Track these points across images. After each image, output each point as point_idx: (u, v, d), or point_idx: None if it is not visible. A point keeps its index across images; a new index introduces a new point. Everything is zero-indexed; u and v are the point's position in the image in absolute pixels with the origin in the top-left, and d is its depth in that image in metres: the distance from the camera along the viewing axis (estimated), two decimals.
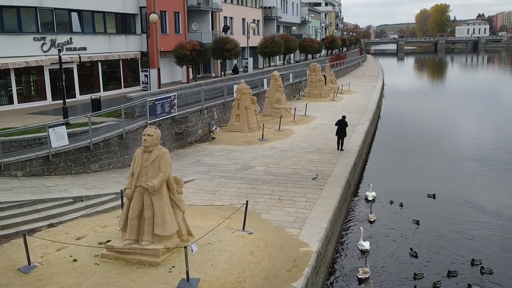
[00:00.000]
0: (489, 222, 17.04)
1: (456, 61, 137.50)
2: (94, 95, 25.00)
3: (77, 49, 29.67)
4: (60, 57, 20.71)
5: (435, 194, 19.53)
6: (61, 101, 21.39)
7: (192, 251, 9.89)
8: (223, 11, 46.81)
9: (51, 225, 12.99)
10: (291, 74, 41.45)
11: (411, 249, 14.49)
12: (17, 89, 26.41)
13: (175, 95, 22.56)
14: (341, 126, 21.78)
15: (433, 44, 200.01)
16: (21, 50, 25.94)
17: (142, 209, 10.56)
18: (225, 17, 48.51)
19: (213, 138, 24.53)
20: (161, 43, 35.65)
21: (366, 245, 14.47)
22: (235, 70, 42.10)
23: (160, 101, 21.35)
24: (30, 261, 10.46)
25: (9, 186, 14.63)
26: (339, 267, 13.70)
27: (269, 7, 62.02)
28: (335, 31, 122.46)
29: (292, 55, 63.25)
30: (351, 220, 17.31)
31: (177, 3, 38.84)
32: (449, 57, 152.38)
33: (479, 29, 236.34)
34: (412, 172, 24.02)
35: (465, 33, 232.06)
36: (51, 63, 26.97)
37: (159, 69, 33.14)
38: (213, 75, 44.07)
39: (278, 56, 54.61)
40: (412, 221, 16.79)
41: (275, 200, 15.07)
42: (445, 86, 71.99)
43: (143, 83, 32.84)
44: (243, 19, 52.76)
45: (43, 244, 11.48)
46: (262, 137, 24.35)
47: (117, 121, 20.55)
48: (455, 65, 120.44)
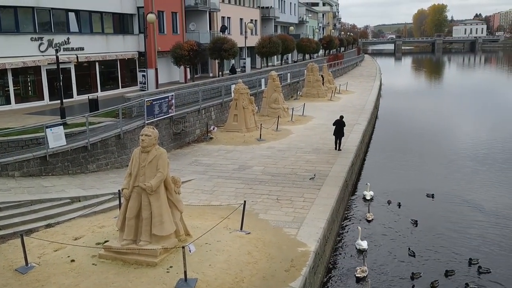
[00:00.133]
0: (487, 222, 17.08)
1: (454, 61, 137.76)
2: (92, 95, 24.96)
3: (75, 49, 29.63)
4: (57, 57, 20.67)
5: (433, 194, 19.56)
6: (59, 101, 21.38)
7: (190, 251, 9.90)
8: (220, 11, 46.79)
9: (48, 226, 12.97)
10: (288, 74, 41.48)
11: (409, 248, 14.52)
12: (14, 89, 26.36)
13: (172, 95, 22.55)
14: (339, 126, 21.81)
15: (430, 44, 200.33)
16: (18, 50, 25.89)
17: (140, 209, 10.55)
18: (223, 17, 48.49)
19: (211, 138, 24.53)
20: (158, 43, 35.62)
21: (364, 244, 14.51)
22: (232, 70, 42.07)
23: (158, 101, 21.34)
24: (28, 262, 10.44)
25: (6, 187, 14.60)
26: (337, 267, 13.72)
27: (267, 7, 62.04)
28: (333, 31, 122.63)
29: (289, 55, 63.28)
30: (349, 219, 17.34)
31: (174, 3, 38.80)
32: (447, 57, 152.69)
33: (476, 29, 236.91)
34: (410, 171, 24.07)
35: (463, 33, 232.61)
36: (49, 63, 26.93)
37: (156, 69, 33.12)
38: (211, 75, 44.06)
39: (275, 56, 54.63)
40: (410, 221, 16.81)
41: (273, 200, 15.07)
42: (442, 86, 72.11)
43: (140, 83, 32.82)
44: (241, 19, 52.76)
45: (41, 245, 11.47)
46: (260, 137, 24.36)
47: (115, 121, 20.54)
48: (453, 65, 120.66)
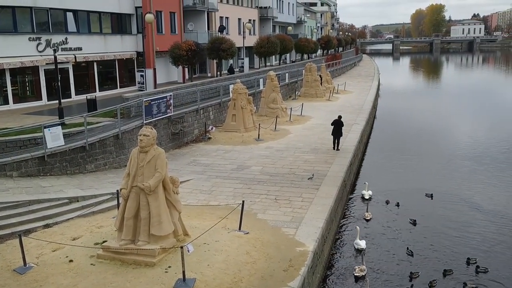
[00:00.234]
0: (485, 221, 17.12)
1: (452, 61, 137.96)
2: (90, 95, 24.94)
3: (73, 49, 29.59)
4: (55, 57, 20.66)
5: (432, 194, 19.59)
6: (57, 101, 21.34)
7: (189, 251, 9.89)
8: (219, 11, 46.76)
9: (46, 226, 12.95)
10: (287, 74, 41.47)
11: (407, 248, 14.54)
12: (12, 89, 26.30)
13: (171, 95, 22.54)
14: (337, 126, 21.82)
15: (428, 44, 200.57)
16: (16, 50, 25.83)
17: (138, 209, 10.55)
18: (221, 17, 48.48)
19: (209, 138, 24.52)
20: (157, 43, 35.52)
21: (362, 244, 14.54)
22: (230, 70, 42.07)
23: (156, 101, 21.32)
24: (26, 262, 10.43)
25: (4, 187, 14.57)
26: (335, 266, 13.74)
27: (265, 7, 62.04)
28: (331, 31, 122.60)
29: (288, 55, 63.33)
30: (348, 219, 17.36)
31: (172, 3, 38.78)
32: (445, 57, 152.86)
33: (474, 29, 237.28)
34: (408, 171, 24.11)
35: (460, 33, 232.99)
36: (47, 63, 26.89)
37: (155, 69, 33.05)
38: (209, 75, 44.04)
39: (274, 56, 54.64)
40: (409, 221, 16.83)
41: (271, 200, 15.07)
42: (440, 86, 72.21)
43: (139, 83, 32.77)
44: (239, 19, 52.76)
45: (39, 245, 11.46)
46: (258, 137, 24.36)
47: (113, 121, 20.52)
48: (451, 65, 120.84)
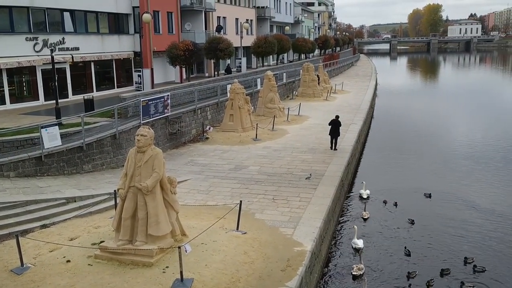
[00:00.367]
0: (482, 220, 17.14)
1: (449, 60, 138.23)
2: (87, 95, 24.89)
3: (70, 49, 29.54)
4: (52, 57, 20.59)
5: (431, 194, 19.62)
6: (54, 101, 21.30)
7: (186, 251, 9.89)
8: (216, 11, 46.78)
9: (44, 226, 12.92)
10: (284, 74, 41.49)
11: (405, 247, 14.56)
12: (9, 89, 26.26)
13: (168, 95, 22.52)
14: (335, 126, 21.84)
15: (425, 44, 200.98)
16: (13, 50, 25.79)
17: (135, 209, 10.54)
18: (218, 17, 48.49)
19: (207, 138, 24.51)
20: (154, 43, 35.58)
21: (360, 243, 14.55)
22: (228, 70, 42.07)
23: (154, 101, 21.30)
24: (23, 262, 10.41)
25: (1, 187, 14.53)
26: (333, 266, 13.74)
27: (262, 7, 62.06)
28: (328, 31, 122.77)
29: (285, 55, 63.33)
30: (345, 218, 17.37)
31: (170, 3, 38.76)
32: (442, 57, 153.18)
33: (471, 29, 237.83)
34: (406, 171, 24.14)
35: (458, 32, 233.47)
36: (44, 63, 26.84)
37: (152, 69, 33.06)
38: (207, 75, 44.02)
39: (271, 56, 54.68)
40: (407, 220, 16.83)
41: (269, 200, 15.08)
42: (437, 85, 72.34)
43: (136, 83, 32.74)
44: (237, 19, 52.75)
45: (36, 245, 11.43)
46: (256, 137, 24.35)
47: (110, 121, 20.47)
48: (448, 65, 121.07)
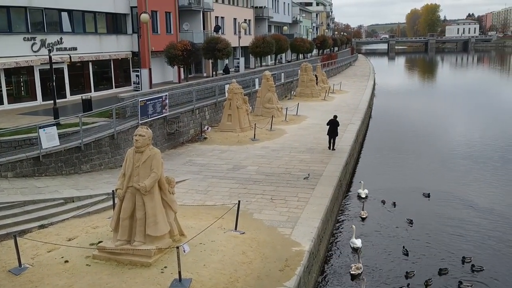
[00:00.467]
0: (480, 220, 17.18)
1: (447, 60, 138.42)
2: (85, 95, 24.84)
3: (68, 49, 29.50)
4: (50, 57, 20.57)
5: (429, 193, 19.64)
6: (52, 101, 21.28)
7: (184, 252, 9.89)
8: (214, 11, 46.76)
9: (42, 226, 12.91)
10: (282, 74, 41.52)
11: (403, 247, 14.57)
12: (7, 89, 26.20)
13: (166, 95, 22.51)
14: (333, 126, 21.86)
15: (423, 44, 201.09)
16: (11, 50, 25.74)
17: (134, 209, 10.53)
18: (217, 17, 48.46)
19: (205, 138, 24.51)
20: (152, 43, 35.54)
21: (358, 243, 14.56)
22: (226, 70, 42.07)
23: (152, 101, 21.29)
24: (21, 263, 10.39)
25: None
26: (331, 266, 13.75)
27: (261, 7, 62.08)
28: (326, 31, 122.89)
29: (283, 55, 63.32)
30: (343, 218, 17.39)
31: (168, 3, 38.72)
32: (440, 57, 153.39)
33: (469, 29, 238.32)
34: (404, 170, 24.18)
35: (455, 32, 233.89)
36: (41, 63, 26.79)
37: (150, 69, 33.05)
38: (205, 75, 44.00)
39: (269, 56, 54.65)
40: (406, 220, 16.84)
41: (267, 200, 15.08)
42: (435, 85, 72.44)
43: (134, 83, 32.73)
44: (235, 19, 52.74)
45: (34, 246, 11.42)
46: (254, 137, 24.36)
47: (108, 121, 20.46)
48: (446, 65, 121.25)
